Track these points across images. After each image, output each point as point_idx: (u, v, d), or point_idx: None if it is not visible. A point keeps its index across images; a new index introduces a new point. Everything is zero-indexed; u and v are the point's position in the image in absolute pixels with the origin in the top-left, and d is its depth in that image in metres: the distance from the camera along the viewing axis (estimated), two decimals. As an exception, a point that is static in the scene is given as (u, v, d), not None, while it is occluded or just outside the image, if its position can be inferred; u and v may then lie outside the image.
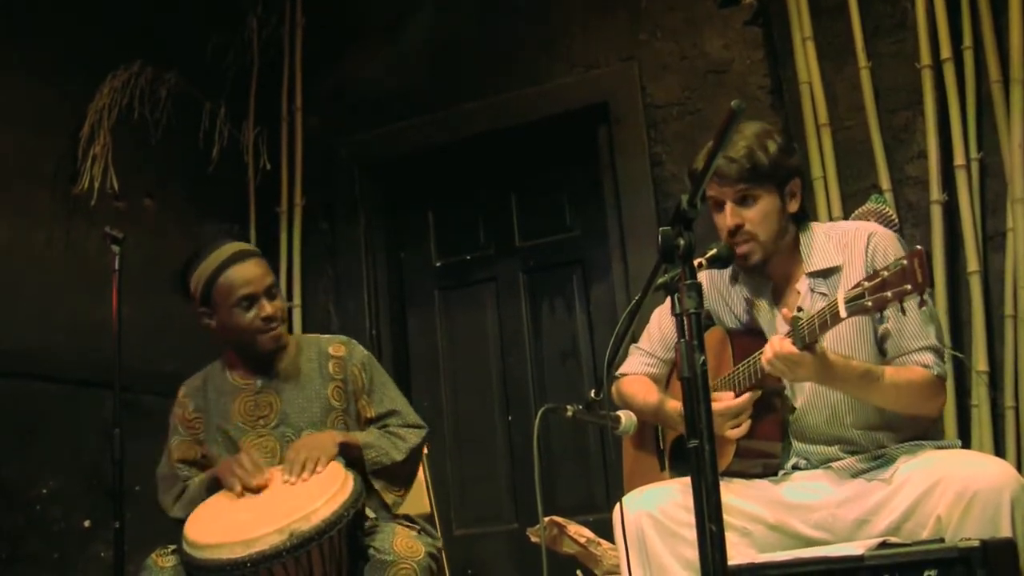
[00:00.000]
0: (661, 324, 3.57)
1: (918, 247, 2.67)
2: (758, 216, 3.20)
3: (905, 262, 2.65)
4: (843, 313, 2.80)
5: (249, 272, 3.67)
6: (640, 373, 3.60)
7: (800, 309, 3.09)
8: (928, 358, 3.11)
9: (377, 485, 3.61)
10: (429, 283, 6.17)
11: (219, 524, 3.34)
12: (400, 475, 3.69)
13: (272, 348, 3.73)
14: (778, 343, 2.94)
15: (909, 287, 2.64)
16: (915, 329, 3.11)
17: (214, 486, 3.59)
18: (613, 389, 3.65)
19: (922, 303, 2.71)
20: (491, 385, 5.89)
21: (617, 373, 3.68)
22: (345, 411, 3.76)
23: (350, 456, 3.55)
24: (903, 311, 2.72)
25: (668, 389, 3.54)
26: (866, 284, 2.74)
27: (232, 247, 3.73)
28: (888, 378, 3.05)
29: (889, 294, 2.68)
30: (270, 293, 3.69)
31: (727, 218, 3.20)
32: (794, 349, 2.90)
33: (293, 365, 3.81)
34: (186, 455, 3.78)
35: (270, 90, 6.23)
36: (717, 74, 5.26)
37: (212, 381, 3.84)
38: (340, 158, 6.13)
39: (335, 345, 3.87)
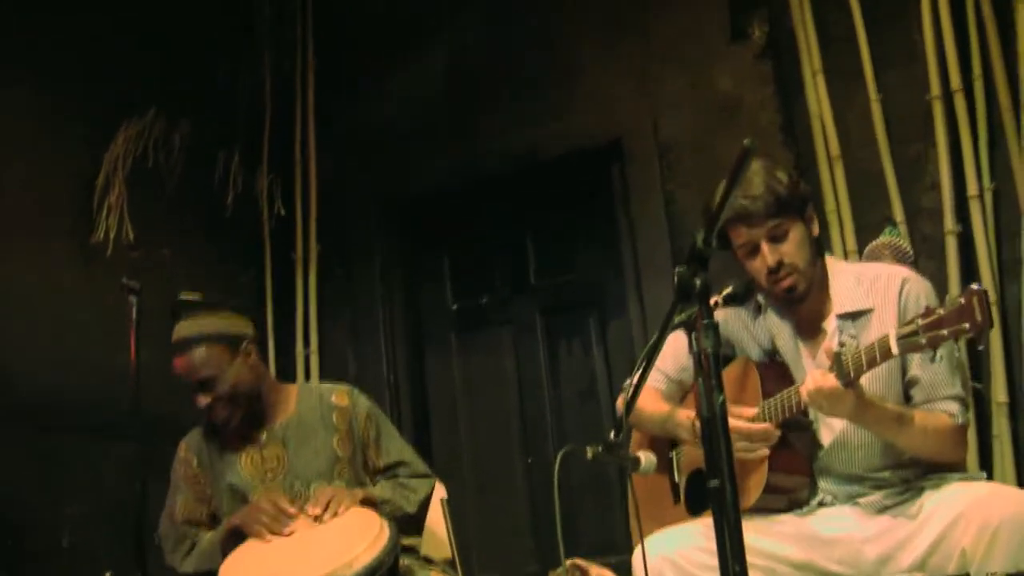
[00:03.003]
0: (675, 344, 3.54)
1: (976, 286, 2.66)
2: (793, 247, 3.20)
3: (963, 300, 2.64)
4: (895, 350, 2.78)
5: (180, 366, 3.66)
6: (648, 385, 3.53)
7: (842, 344, 3.08)
8: (953, 407, 3.10)
9: None
10: (446, 326, 6.18)
11: (258, 572, 3.33)
12: (412, 524, 3.72)
13: (230, 426, 3.70)
14: (821, 377, 2.93)
15: (967, 326, 2.62)
16: (944, 378, 3.11)
17: (231, 539, 3.55)
18: (621, 401, 3.62)
19: (979, 343, 2.70)
20: (510, 427, 5.88)
21: (625, 385, 3.65)
22: (351, 460, 3.77)
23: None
24: (957, 350, 2.70)
25: (681, 406, 3.52)
26: (920, 321, 2.72)
27: (185, 329, 3.69)
28: (918, 423, 3.04)
29: (945, 332, 2.66)
30: (203, 385, 3.65)
31: (767, 258, 3.19)
32: (837, 384, 2.90)
33: (295, 416, 3.80)
34: (191, 515, 3.76)
35: (283, 136, 6.26)
36: (729, 110, 5.27)
37: (212, 433, 3.82)
38: (354, 202, 6.15)
39: (338, 394, 3.87)
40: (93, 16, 5.35)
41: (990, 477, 4.31)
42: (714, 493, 2.31)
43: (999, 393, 4.50)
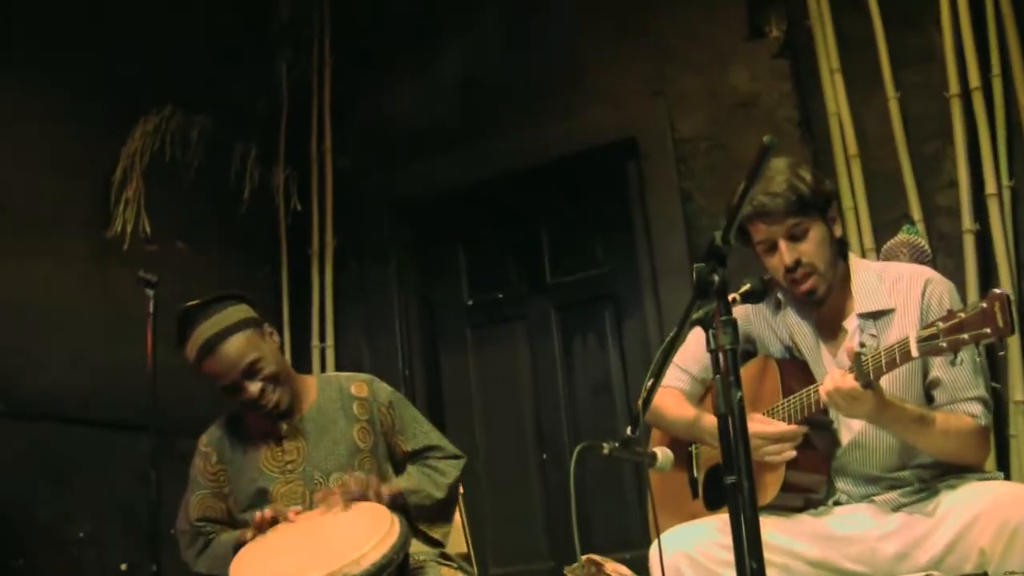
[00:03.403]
0: (699, 341, 3.51)
1: (998, 291, 2.64)
2: (812, 247, 3.17)
3: (984, 305, 2.63)
4: (915, 352, 2.77)
5: (218, 364, 3.56)
6: (671, 386, 3.52)
7: (863, 345, 3.07)
8: (977, 408, 3.08)
9: (423, 526, 3.60)
10: (461, 322, 6.18)
11: (266, 568, 3.32)
12: (443, 511, 3.69)
13: (276, 413, 3.65)
14: (840, 377, 2.92)
15: (988, 331, 2.61)
16: (967, 379, 3.09)
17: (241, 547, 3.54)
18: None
19: (1000, 349, 2.69)
20: (525, 423, 5.88)
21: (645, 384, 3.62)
22: (372, 451, 3.71)
23: (394, 504, 3.52)
24: (979, 354, 2.70)
25: (701, 406, 3.50)
26: (941, 325, 2.70)
27: (209, 328, 3.58)
28: (939, 424, 3.02)
29: (966, 336, 2.64)
30: (250, 372, 3.57)
31: (784, 256, 3.17)
32: (856, 385, 2.88)
33: (315, 407, 3.76)
34: (207, 512, 3.71)
35: (299, 131, 6.27)
36: (745, 107, 5.26)
37: (233, 430, 3.78)
38: (370, 198, 6.15)
39: (357, 384, 3.81)
40: (110, 12, 5.37)
41: (1007, 476, 4.30)
42: (731, 489, 2.31)
43: (1016, 392, 4.48)
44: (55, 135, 5.07)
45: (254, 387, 3.57)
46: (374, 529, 3.30)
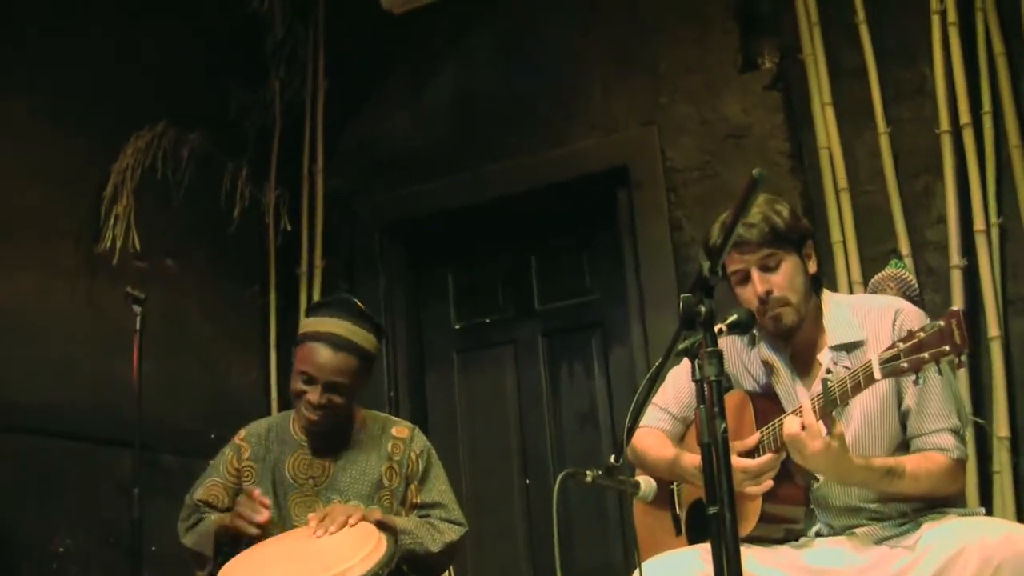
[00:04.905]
0: (676, 381, 3.54)
1: (955, 308, 2.66)
2: (785, 279, 3.19)
3: (942, 323, 2.65)
4: (878, 375, 2.79)
5: (318, 356, 3.63)
6: (653, 427, 3.55)
7: (829, 371, 3.08)
8: (948, 440, 3.09)
9: (406, 567, 3.61)
10: (448, 345, 6.17)
11: None
12: (432, 566, 3.70)
13: (311, 431, 3.75)
14: (805, 417, 2.94)
15: (947, 348, 2.63)
16: (937, 408, 3.10)
17: (222, 533, 3.59)
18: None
19: (960, 364, 2.70)
20: (509, 448, 5.86)
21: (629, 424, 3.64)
22: (394, 492, 3.78)
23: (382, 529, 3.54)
24: (940, 372, 2.71)
25: (682, 445, 3.51)
26: (901, 345, 2.72)
27: (339, 327, 3.69)
28: (909, 472, 3.04)
29: (926, 355, 2.67)
30: (331, 386, 3.64)
31: (756, 285, 3.18)
32: (816, 423, 2.90)
33: (355, 436, 3.84)
34: (210, 498, 3.77)
35: (291, 151, 6.27)
36: (736, 138, 5.27)
37: (276, 430, 3.87)
38: (360, 219, 6.15)
39: (399, 427, 3.89)
40: (106, 29, 5.38)
41: (990, 512, 4.30)
42: (713, 520, 2.31)
43: (1001, 428, 4.49)
44: (47, 150, 5.07)
45: (318, 397, 3.64)
46: (361, 543, 3.32)
